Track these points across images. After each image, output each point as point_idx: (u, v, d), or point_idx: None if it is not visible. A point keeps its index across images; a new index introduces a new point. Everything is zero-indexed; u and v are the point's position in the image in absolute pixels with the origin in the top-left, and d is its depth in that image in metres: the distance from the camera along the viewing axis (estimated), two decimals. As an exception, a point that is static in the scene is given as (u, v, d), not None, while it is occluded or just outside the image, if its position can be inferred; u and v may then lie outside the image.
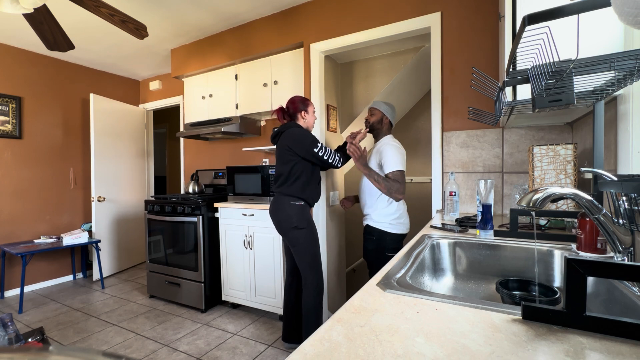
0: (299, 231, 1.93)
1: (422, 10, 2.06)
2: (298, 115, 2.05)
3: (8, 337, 1.81)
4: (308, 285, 1.95)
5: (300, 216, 1.94)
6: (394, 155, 1.87)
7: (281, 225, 1.97)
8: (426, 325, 0.53)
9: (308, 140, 1.93)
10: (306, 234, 1.94)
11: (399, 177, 1.84)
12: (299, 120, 2.05)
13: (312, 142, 1.92)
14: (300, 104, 2.04)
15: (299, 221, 1.93)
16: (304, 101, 2.06)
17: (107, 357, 0.22)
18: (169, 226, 2.89)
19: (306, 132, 1.98)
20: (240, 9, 2.64)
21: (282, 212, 1.95)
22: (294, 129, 1.98)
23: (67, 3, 2.39)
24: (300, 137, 1.94)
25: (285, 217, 1.94)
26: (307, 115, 2.06)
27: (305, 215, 1.97)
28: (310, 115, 2.07)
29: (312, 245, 1.97)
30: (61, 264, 3.63)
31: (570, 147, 1.33)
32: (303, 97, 2.08)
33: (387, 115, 2.02)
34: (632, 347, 0.44)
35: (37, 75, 3.46)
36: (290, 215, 1.93)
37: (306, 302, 1.96)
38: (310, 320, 1.95)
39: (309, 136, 1.95)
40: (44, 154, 3.51)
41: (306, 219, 1.96)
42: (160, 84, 4.17)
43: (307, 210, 1.99)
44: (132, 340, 2.29)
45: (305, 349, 0.47)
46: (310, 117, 2.08)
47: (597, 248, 0.88)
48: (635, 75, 0.77)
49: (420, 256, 1.00)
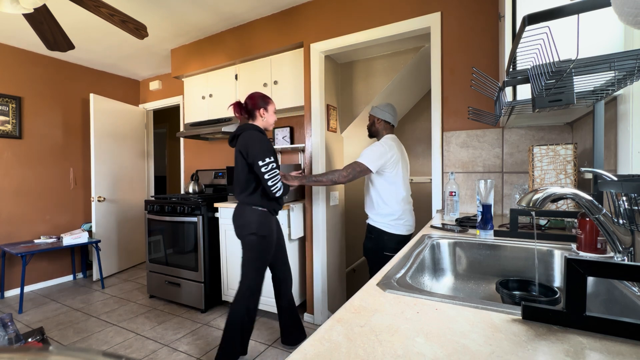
0: (257, 238, 1.83)
1: (422, 11, 2.06)
2: (256, 113, 1.90)
3: (8, 337, 1.81)
4: (243, 294, 1.84)
5: (261, 223, 1.84)
6: (370, 151, 1.90)
7: (240, 230, 1.87)
8: (426, 325, 0.53)
9: (257, 149, 1.77)
10: (263, 242, 1.84)
11: (357, 167, 1.87)
12: (257, 119, 1.92)
13: (261, 152, 1.77)
14: (260, 101, 1.90)
15: (258, 228, 1.82)
16: (265, 98, 1.93)
17: (107, 357, 0.22)
18: (169, 226, 2.89)
19: (262, 139, 1.81)
20: (240, 9, 2.64)
21: (242, 218, 1.86)
22: (250, 132, 1.83)
23: (67, 3, 2.39)
24: (253, 142, 1.79)
25: (245, 222, 1.84)
26: (266, 114, 1.92)
27: (268, 221, 1.87)
28: (269, 114, 1.93)
29: (263, 255, 1.87)
30: (61, 264, 3.63)
31: (570, 147, 1.33)
32: (264, 95, 1.95)
33: (380, 117, 2.03)
34: (632, 347, 0.44)
35: (37, 75, 3.46)
36: (250, 220, 1.83)
37: (234, 311, 1.83)
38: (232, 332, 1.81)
39: (263, 145, 1.79)
40: (44, 154, 3.51)
41: (267, 227, 1.86)
42: (160, 84, 4.17)
43: (269, 218, 1.88)
44: (132, 340, 2.29)
45: (305, 349, 0.47)
46: (270, 117, 1.94)
47: (597, 248, 0.88)
48: (635, 75, 0.77)
49: (420, 256, 1.00)
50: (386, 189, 1.93)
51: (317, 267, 2.51)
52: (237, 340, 1.83)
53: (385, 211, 1.93)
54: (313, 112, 2.51)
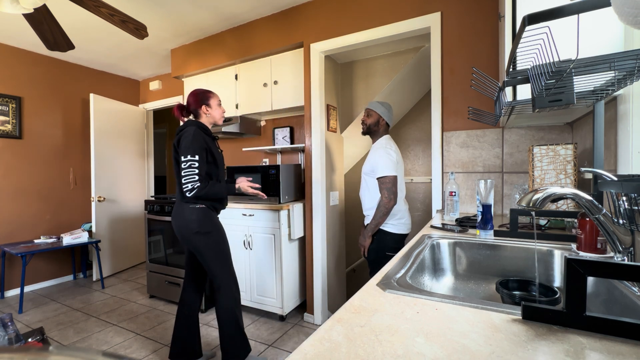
0: (203, 236, 1.74)
1: (422, 10, 2.06)
2: (200, 112, 1.82)
3: (8, 337, 1.81)
4: (223, 287, 1.77)
5: (203, 220, 1.74)
6: (384, 160, 1.87)
7: (181, 231, 1.76)
8: (426, 325, 0.53)
9: (184, 145, 1.68)
10: (212, 237, 1.76)
11: (387, 182, 1.84)
12: (202, 117, 1.83)
13: (187, 148, 1.67)
14: (200, 97, 1.81)
15: (201, 226, 1.73)
16: (206, 93, 1.84)
17: (107, 357, 0.22)
18: (169, 226, 2.89)
19: (194, 136, 1.70)
20: (240, 9, 2.64)
21: (181, 217, 1.75)
22: (188, 129, 1.73)
23: (67, 3, 2.39)
24: (185, 138, 1.70)
25: (185, 222, 1.73)
26: (209, 110, 1.83)
27: (209, 218, 1.77)
28: (214, 108, 1.84)
29: (221, 247, 1.78)
30: (61, 264, 3.63)
31: (570, 147, 1.33)
32: (204, 90, 1.86)
33: (384, 117, 1.98)
34: (632, 347, 0.44)
35: (37, 75, 3.46)
36: (190, 220, 1.72)
37: (224, 308, 1.76)
38: (231, 329, 1.77)
39: (192, 141, 1.68)
40: (44, 154, 3.51)
41: (211, 222, 1.76)
42: (160, 84, 4.17)
43: (210, 214, 1.78)
44: (132, 340, 2.29)
45: (305, 349, 0.47)
46: (215, 111, 1.84)
47: (597, 248, 0.88)
48: (635, 75, 0.77)
49: (420, 256, 1.00)
50: None
51: (317, 267, 2.51)
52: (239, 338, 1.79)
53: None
54: (313, 112, 2.51)
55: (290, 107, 2.70)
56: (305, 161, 2.60)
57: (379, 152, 1.90)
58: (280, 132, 3.07)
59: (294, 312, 2.67)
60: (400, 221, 1.94)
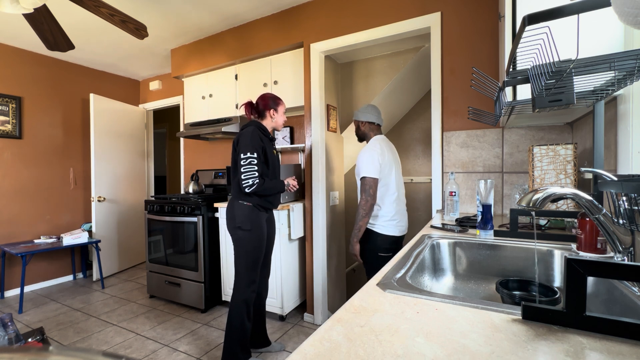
0: (241, 231, 1.82)
1: (422, 10, 2.06)
2: (267, 113, 1.93)
3: (8, 337, 1.81)
4: (239, 286, 1.84)
5: (246, 217, 1.82)
6: (366, 161, 1.88)
7: (228, 222, 1.88)
8: (426, 325, 0.53)
9: (243, 143, 1.78)
10: (249, 236, 1.82)
11: (365, 184, 1.85)
12: (266, 119, 1.93)
13: (246, 145, 1.77)
14: (270, 101, 1.93)
15: (242, 222, 1.82)
16: (276, 99, 1.95)
17: (107, 357, 0.22)
18: (169, 226, 2.89)
19: (253, 134, 1.80)
20: (240, 9, 2.64)
21: (230, 212, 1.87)
22: (248, 129, 1.84)
23: (67, 3, 2.39)
24: (244, 137, 1.80)
25: (231, 215, 1.85)
26: (276, 115, 1.94)
27: (252, 217, 1.84)
28: (279, 115, 1.95)
29: (252, 247, 1.84)
30: (61, 264, 3.63)
31: (570, 147, 1.33)
32: (275, 96, 1.97)
33: (362, 119, 2.01)
34: (632, 347, 0.44)
35: (37, 75, 3.46)
36: (235, 214, 1.84)
37: (231, 307, 1.83)
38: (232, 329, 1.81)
39: (251, 139, 1.78)
40: (44, 154, 3.51)
41: (251, 221, 1.83)
42: (160, 84, 4.17)
43: (254, 213, 1.85)
44: (132, 340, 2.29)
45: (305, 349, 0.47)
46: (279, 117, 1.95)
47: (597, 248, 0.88)
48: (635, 75, 0.77)
49: (420, 256, 1.00)
50: (379, 189, 1.92)
51: (317, 267, 2.51)
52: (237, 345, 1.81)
53: (378, 212, 1.92)
54: (313, 112, 2.51)
55: (290, 107, 2.69)
56: (305, 161, 2.60)
57: (364, 154, 1.91)
58: (280, 132, 3.07)
59: (294, 312, 2.67)
60: (391, 222, 1.91)
